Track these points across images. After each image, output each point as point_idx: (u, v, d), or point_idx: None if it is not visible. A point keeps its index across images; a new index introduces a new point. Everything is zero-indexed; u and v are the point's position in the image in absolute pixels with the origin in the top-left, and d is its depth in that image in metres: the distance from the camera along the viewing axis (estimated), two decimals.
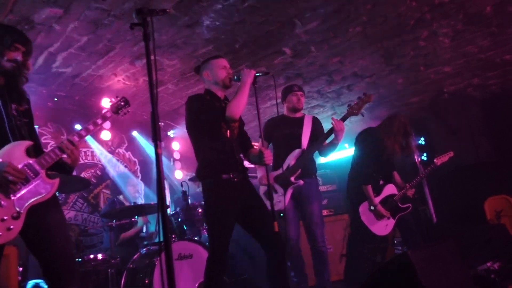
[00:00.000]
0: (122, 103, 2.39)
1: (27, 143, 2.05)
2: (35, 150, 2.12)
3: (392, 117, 3.77)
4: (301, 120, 3.56)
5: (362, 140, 3.77)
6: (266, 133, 3.25)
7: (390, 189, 3.76)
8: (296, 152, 3.40)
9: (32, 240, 2.06)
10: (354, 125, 5.66)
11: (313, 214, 3.35)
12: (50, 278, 2.04)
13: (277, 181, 3.37)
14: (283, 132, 3.48)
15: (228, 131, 2.70)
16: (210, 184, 2.66)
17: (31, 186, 1.99)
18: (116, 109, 2.37)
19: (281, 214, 3.28)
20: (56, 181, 2.08)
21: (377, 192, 3.69)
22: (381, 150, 3.67)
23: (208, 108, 2.67)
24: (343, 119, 3.31)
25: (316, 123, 3.61)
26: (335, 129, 3.24)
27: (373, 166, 3.68)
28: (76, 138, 2.14)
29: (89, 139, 5.13)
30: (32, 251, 2.08)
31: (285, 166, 3.37)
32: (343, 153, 6.41)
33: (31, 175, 2.00)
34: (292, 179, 3.31)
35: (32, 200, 1.98)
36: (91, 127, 2.24)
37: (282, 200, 3.27)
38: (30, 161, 2.02)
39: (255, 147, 2.95)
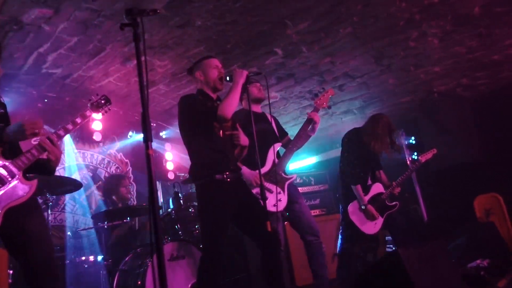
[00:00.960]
0: (103, 101, 2.38)
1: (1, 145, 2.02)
2: (13, 152, 2.08)
3: (375, 119, 3.80)
4: (265, 116, 3.50)
5: (348, 141, 3.82)
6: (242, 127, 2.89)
7: (377, 188, 3.81)
8: (277, 146, 3.35)
9: (11, 244, 2.04)
10: (345, 125, 5.70)
11: (307, 209, 3.33)
12: (30, 281, 2.01)
13: (267, 179, 3.19)
14: (260, 126, 3.26)
15: (221, 130, 2.70)
16: (203, 184, 2.66)
17: (7, 188, 1.96)
18: (96, 107, 2.35)
19: (287, 214, 3.24)
20: (34, 182, 2.05)
21: (365, 191, 3.73)
22: (368, 150, 3.72)
23: (200, 107, 2.68)
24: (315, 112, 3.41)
25: (276, 120, 3.61)
26: (314, 121, 3.29)
27: (361, 166, 3.72)
28: (55, 138, 2.10)
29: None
30: (11, 254, 2.06)
31: (269, 162, 3.28)
32: (335, 152, 6.44)
33: (7, 177, 1.97)
34: (283, 174, 3.26)
35: (9, 202, 1.95)
36: (70, 126, 2.20)
37: (281, 198, 3.15)
38: (6, 163, 1.99)
39: None
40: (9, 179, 1.98)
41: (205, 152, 2.65)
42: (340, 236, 3.91)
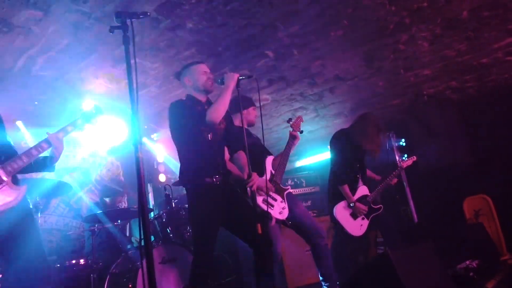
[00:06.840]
0: (94, 111, 2.41)
1: None
2: (6, 155, 2.07)
3: (364, 118, 3.85)
4: (251, 133, 3.57)
5: (336, 142, 3.86)
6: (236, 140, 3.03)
7: (363, 191, 3.87)
8: (272, 159, 3.42)
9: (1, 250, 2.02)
10: (336, 127, 5.72)
11: (307, 212, 3.37)
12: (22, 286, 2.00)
13: (270, 188, 3.25)
14: (251, 140, 3.38)
15: (210, 134, 2.71)
16: (192, 188, 2.67)
17: None
18: (87, 117, 2.38)
19: (290, 222, 3.27)
20: (23, 188, 2.03)
21: (352, 193, 3.77)
22: (356, 150, 3.77)
23: (188, 113, 2.69)
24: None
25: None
26: (297, 139, 3.45)
27: (348, 167, 3.76)
28: (61, 134, 2.18)
29: None
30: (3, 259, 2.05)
31: (267, 172, 3.33)
32: (326, 154, 6.47)
33: None
34: (281, 185, 3.31)
35: None
36: (69, 127, 2.28)
37: (285, 206, 3.22)
38: None
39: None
40: None
41: (194, 157, 2.67)
42: (331, 238, 3.94)
